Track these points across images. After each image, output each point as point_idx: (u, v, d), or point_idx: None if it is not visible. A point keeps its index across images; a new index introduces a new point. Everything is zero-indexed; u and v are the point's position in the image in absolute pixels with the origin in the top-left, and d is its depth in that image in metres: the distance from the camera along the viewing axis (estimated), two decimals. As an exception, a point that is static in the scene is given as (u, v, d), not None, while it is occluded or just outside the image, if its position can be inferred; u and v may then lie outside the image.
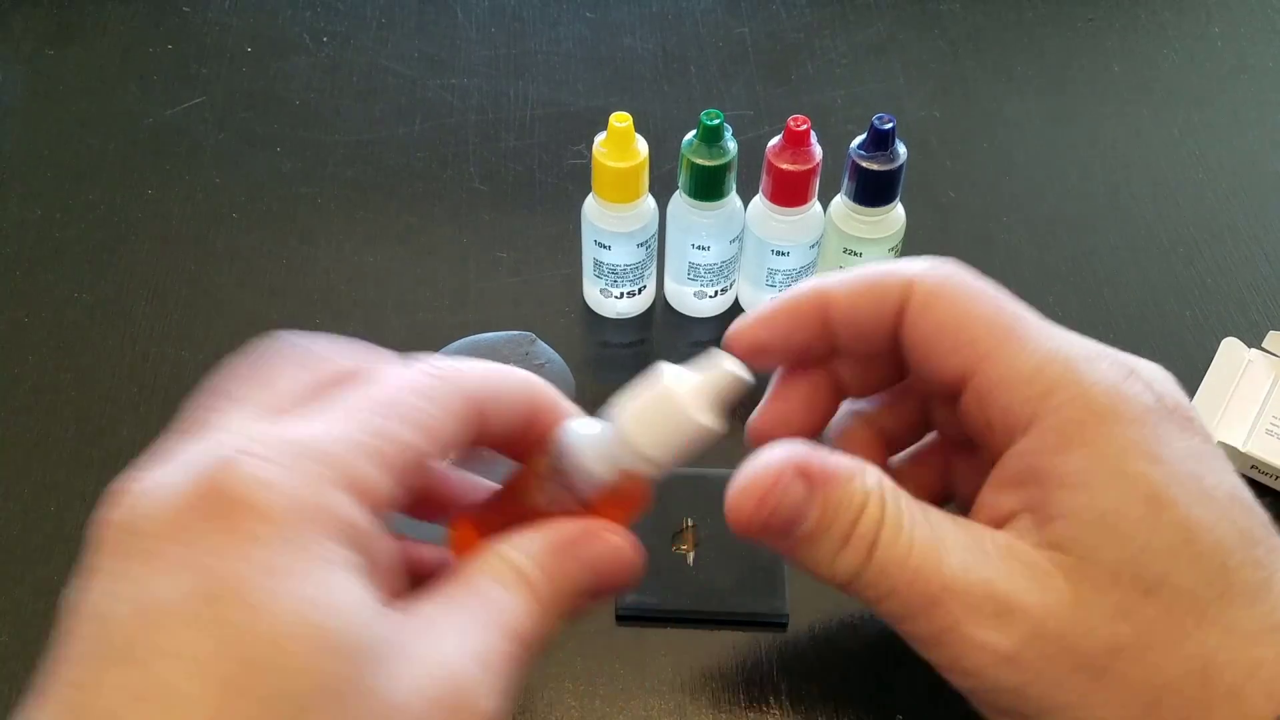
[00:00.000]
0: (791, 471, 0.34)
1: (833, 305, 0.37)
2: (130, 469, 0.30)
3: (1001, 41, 0.76)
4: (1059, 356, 0.34)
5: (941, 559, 0.32)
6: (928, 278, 0.36)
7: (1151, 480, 0.32)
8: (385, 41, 0.75)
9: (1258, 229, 0.65)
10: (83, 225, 0.64)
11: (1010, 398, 0.34)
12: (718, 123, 0.52)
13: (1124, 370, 0.34)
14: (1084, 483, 0.32)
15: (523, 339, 0.55)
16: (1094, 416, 0.33)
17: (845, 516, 0.33)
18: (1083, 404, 0.33)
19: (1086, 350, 0.34)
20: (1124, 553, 0.32)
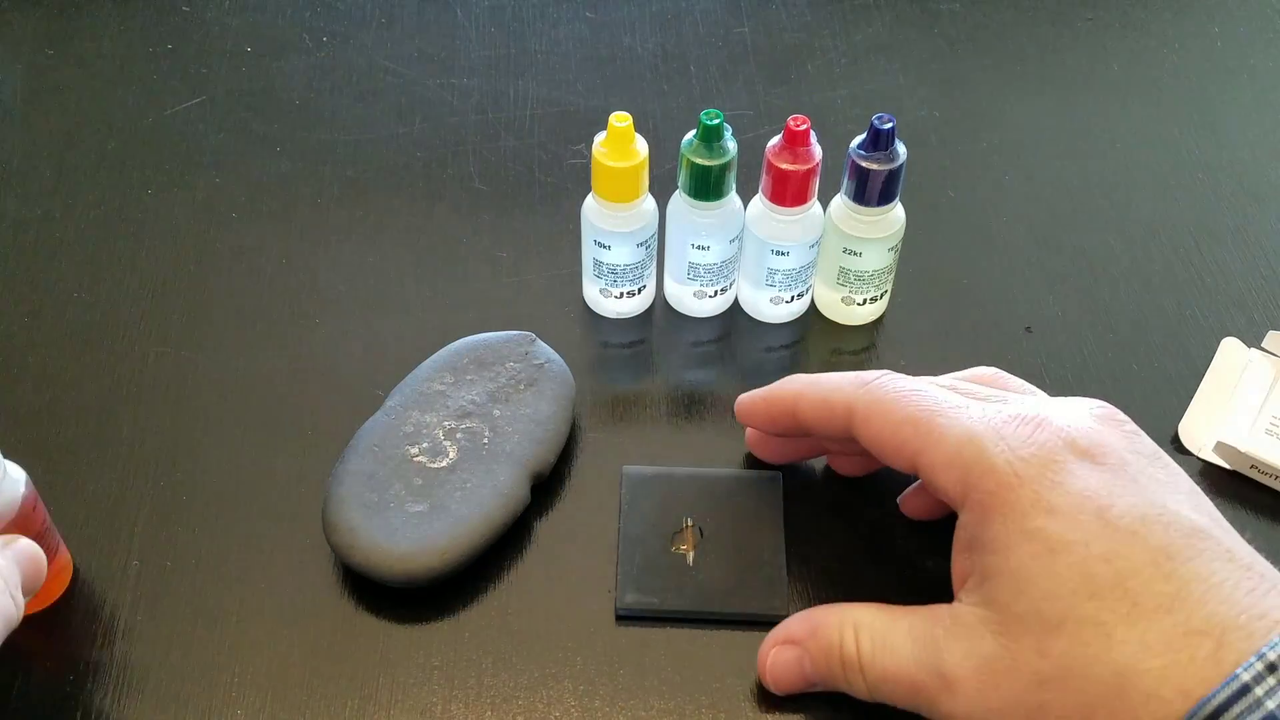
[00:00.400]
0: (776, 644, 0.45)
1: (800, 409, 0.47)
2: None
3: (1001, 41, 0.76)
4: (970, 439, 0.41)
5: (905, 662, 0.41)
6: (860, 401, 0.44)
7: (1048, 533, 0.38)
8: (385, 41, 0.75)
9: (1258, 229, 0.65)
10: (83, 224, 0.64)
11: (943, 483, 0.41)
12: (717, 122, 0.52)
13: (1032, 427, 0.40)
14: (999, 547, 0.39)
15: (522, 339, 0.55)
16: (1001, 486, 0.39)
17: (833, 660, 0.43)
18: (991, 478, 0.40)
19: (996, 423, 0.41)
20: (1031, 601, 0.38)
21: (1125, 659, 0.36)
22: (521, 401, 0.53)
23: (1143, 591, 0.37)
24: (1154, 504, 0.38)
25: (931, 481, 0.42)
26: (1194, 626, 0.36)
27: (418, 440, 0.51)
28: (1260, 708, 0.34)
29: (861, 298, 0.59)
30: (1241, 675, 0.35)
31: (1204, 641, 0.36)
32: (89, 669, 0.48)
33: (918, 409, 0.42)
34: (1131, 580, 0.37)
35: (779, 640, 0.45)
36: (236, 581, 0.50)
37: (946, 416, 0.42)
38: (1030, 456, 0.40)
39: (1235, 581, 0.37)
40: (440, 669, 0.48)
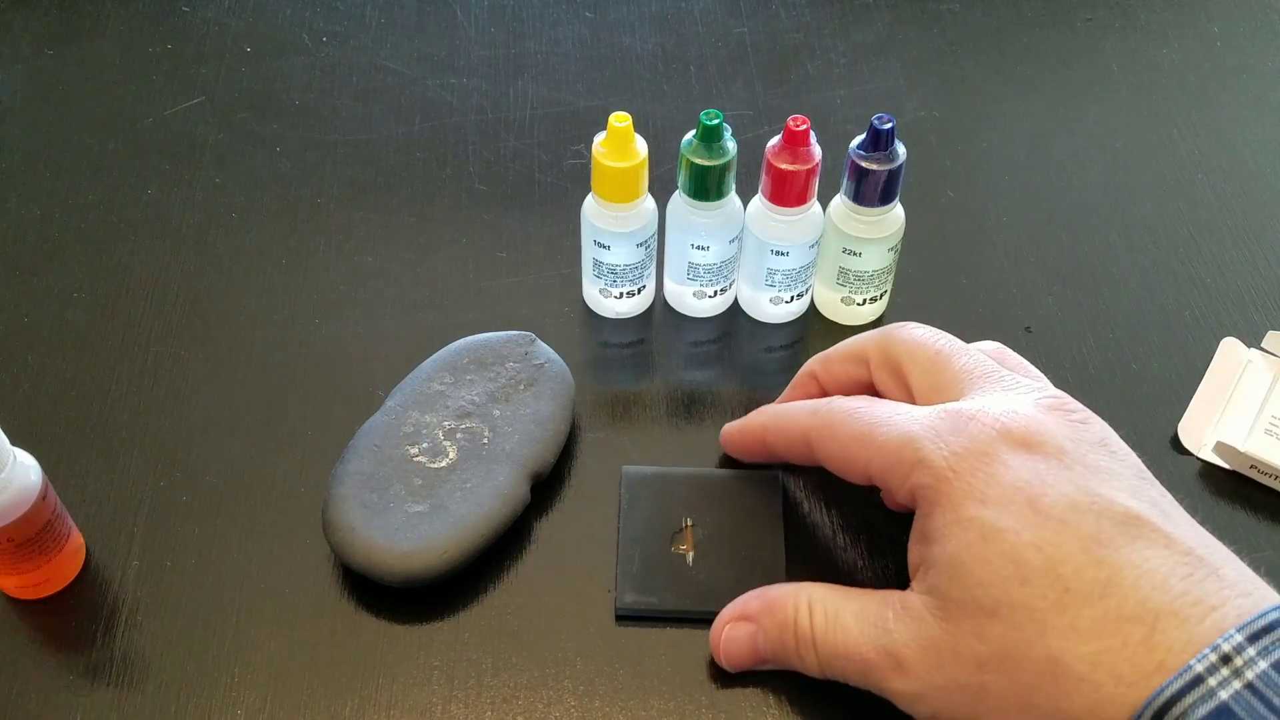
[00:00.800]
0: (730, 619, 0.46)
1: (769, 445, 0.50)
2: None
3: (1001, 41, 0.76)
4: (908, 441, 0.42)
5: (857, 640, 0.42)
6: (813, 429, 0.46)
7: (981, 519, 0.40)
8: (384, 41, 0.75)
9: (1257, 229, 0.65)
10: (82, 225, 0.64)
11: (893, 486, 0.43)
12: (717, 123, 0.52)
13: (966, 419, 0.42)
14: (940, 536, 0.41)
15: (522, 339, 0.55)
16: (937, 480, 0.41)
17: (787, 634, 0.44)
18: (930, 473, 0.41)
19: (932, 421, 0.42)
20: (967, 588, 0.39)
21: (1057, 644, 0.37)
22: (521, 401, 0.53)
23: (1074, 578, 0.38)
24: (1087, 492, 0.39)
25: (885, 487, 0.44)
26: (1126, 613, 0.37)
27: (418, 440, 0.52)
28: (1213, 698, 0.35)
29: (861, 298, 0.59)
30: (1195, 666, 0.35)
31: (1135, 628, 0.37)
32: (89, 669, 0.48)
33: (860, 424, 0.44)
34: (1063, 567, 0.38)
35: (733, 616, 0.46)
36: (236, 581, 0.50)
37: (887, 425, 0.43)
38: (963, 450, 0.41)
39: (1170, 568, 0.38)
40: (440, 669, 0.48)
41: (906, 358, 0.47)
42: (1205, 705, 0.35)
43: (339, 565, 0.50)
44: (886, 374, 0.48)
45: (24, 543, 0.47)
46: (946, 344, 0.47)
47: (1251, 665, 0.35)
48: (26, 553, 0.47)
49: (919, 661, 0.40)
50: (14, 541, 0.46)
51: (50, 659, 0.48)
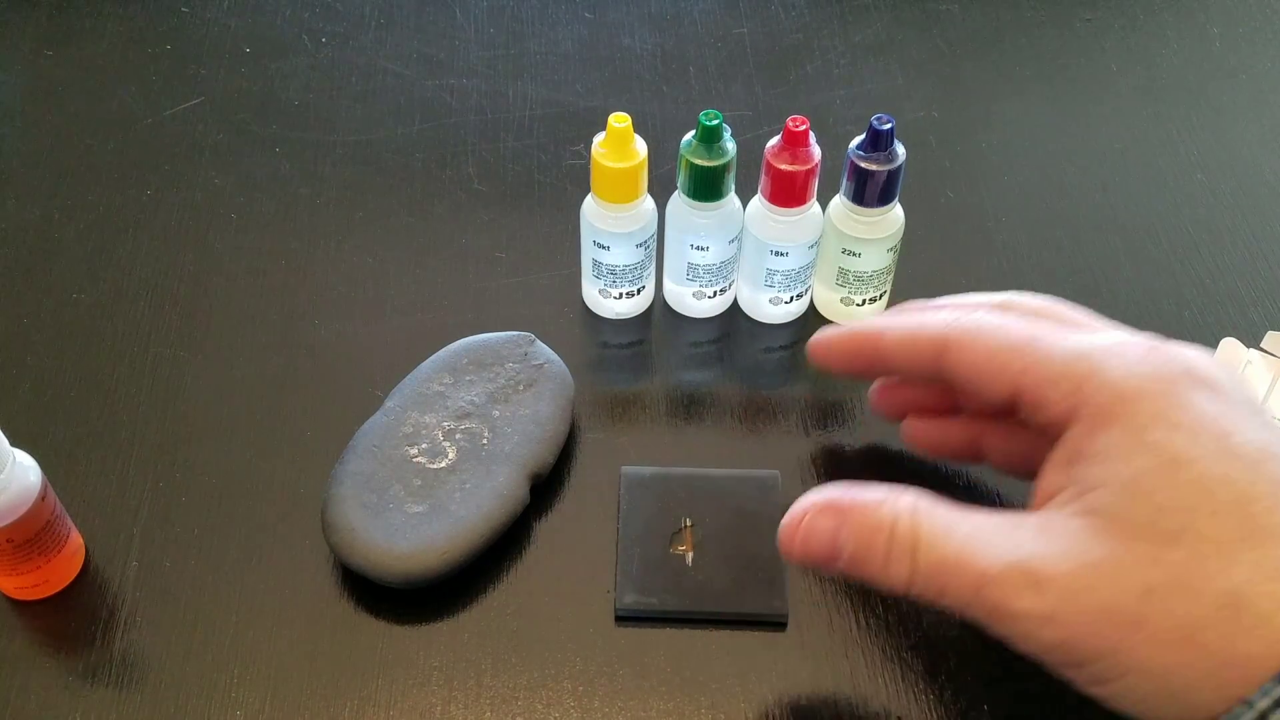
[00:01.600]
0: (816, 509, 0.41)
1: (883, 350, 0.46)
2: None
3: (1000, 42, 0.76)
4: (1082, 355, 0.39)
5: (976, 552, 0.38)
6: (954, 332, 0.43)
7: (1171, 445, 0.37)
8: (384, 42, 0.75)
9: (1257, 229, 0.65)
10: (82, 225, 0.64)
11: (1051, 400, 0.40)
12: (716, 123, 0.52)
13: (1146, 349, 0.39)
14: (1113, 456, 0.38)
15: (522, 339, 0.55)
16: (1118, 399, 0.38)
17: (879, 537, 0.40)
18: (1109, 390, 0.38)
19: (1110, 341, 0.40)
20: (1147, 509, 0.36)
21: (1243, 579, 0.35)
22: (521, 402, 0.53)
23: (1265, 516, 0.36)
24: (1274, 440, 0.38)
25: (1035, 398, 0.40)
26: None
27: (417, 441, 0.52)
28: None
29: (861, 298, 0.59)
30: None
31: None
32: (88, 669, 0.48)
33: (1019, 335, 0.42)
34: (1254, 505, 0.36)
35: (818, 506, 0.42)
36: (236, 581, 0.50)
37: (1050, 339, 0.41)
38: (1150, 374, 0.38)
39: None
40: (440, 669, 0.48)
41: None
42: None
43: (338, 566, 0.50)
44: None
45: (23, 543, 0.47)
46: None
47: None
48: (26, 553, 0.47)
49: (1066, 580, 0.37)
50: (13, 542, 0.46)
51: (50, 660, 0.48)
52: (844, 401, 0.57)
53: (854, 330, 0.48)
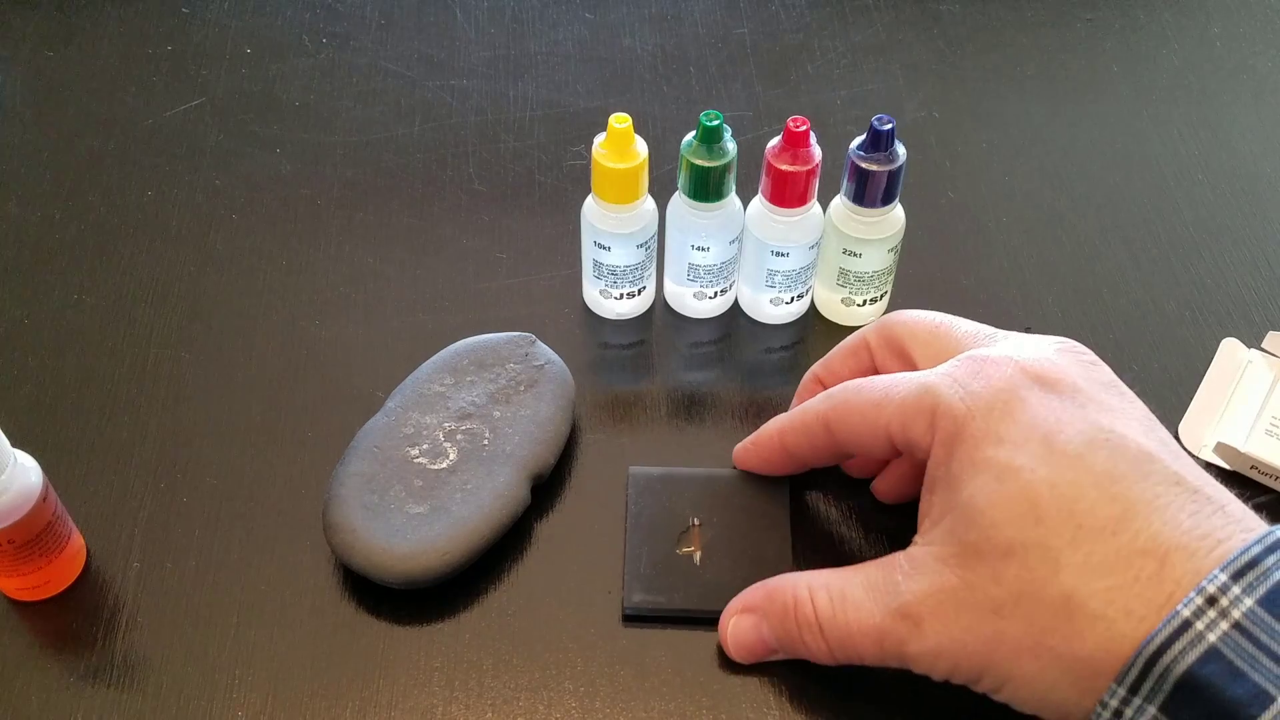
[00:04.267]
0: (734, 613, 0.47)
1: (787, 445, 0.49)
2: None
3: (1001, 42, 0.76)
4: (927, 390, 0.42)
5: (866, 611, 0.42)
6: (831, 412, 0.46)
7: (997, 460, 0.39)
8: (384, 43, 0.75)
9: (1257, 229, 0.65)
10: (83, 226, 0.64)
11: (916, 438, 0.42)
12: (717, 123, 0.52)
13: (978, 364, 0.42)
14: (953, 481, 0.40)
15: (522, 340, 0.55)
16: (956, 423, 0.41)
17: (789, 624, 0.44)
18: (948, 419, 0.41)
19: (949, 369, 0.42)
20: (982, 530, 0.39)
21: (1072, 582, 0.37)
22: (521, 403, 0.53)
23: (1088, 514, 0.38)
24: (1101, 428, 0.39)
25: (909, 443, 0.43)
26: (1138, 547, 0.37)
27: (418, 442, 0.52)
28: (1201, 642, 0.35)
29: (861, 299, 0.59)
30: (1182, 611, 0.35)
31: (1147, 562, 0.37)
32: (90, 670, 0.48)
33: (875, 390, 0.44)
34: (1077, 504, 0.38)
35: (737, 610, 0.47)
36: (236, 582, 0.50)
37: (903, 383, 0.43)
38: (982, 390, 0.41)
39: (1180, 504, 0.38)
40: (441, 670, 0.48)
41: (907, 336, 0.47)
42: (1194, 650, 0.35)
43: (339, 566, 0.50)
44: (889, 356, 0.48)
45: (25, 544, 0.47)
46: (945, 317, 0.47)
47: (1238, 604, 0.35)
48: (27, 554, 0.47)
49: (935, 615, 0.40)
50: (15, 543, 0.46)
51: (51, 660, 0.48)
52: (845, 402, 0.57)
53: (760, 438, 0.51)
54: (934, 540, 0.41)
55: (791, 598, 0.44)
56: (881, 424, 0.43)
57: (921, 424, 0.42)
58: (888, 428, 0.43)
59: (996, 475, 0.39)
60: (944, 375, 0.42)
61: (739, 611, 0.47)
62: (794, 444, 0.49)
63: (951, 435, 0.41)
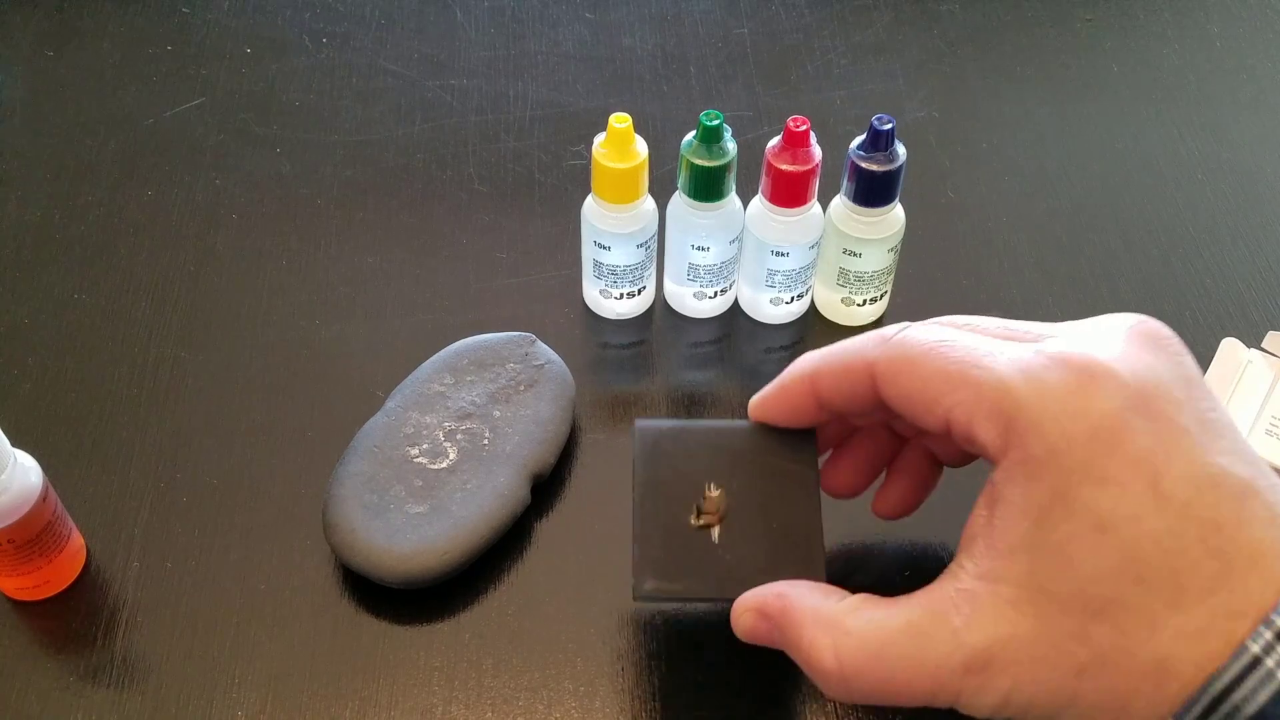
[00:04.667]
0: (750, 611, 0.41)
1: (820, 388, 0.43)
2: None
3: (1000, 41, 0.76)
4: (1009, 392, 0.36)
5: (914, 665, 0.36)
6: (883, 359, 0.40)
7: (1098, 506, 0.35)
8: (384, 43, 0.75)
9: (1257, 229, 0.65)
10: (82, 226, 0.64)
11: (981, 438, 0.37)
12: (717, 123, 0.52)
13: (1075, 377, 0.36)
14: (1041, 518, 0.35)
15: (522, 340, 0.55)
16: (1046, 449, 0.35)
17: (811, 665, 0.38)
18: (1037, 439, 0.36)
19: (1037, 370, 0.36)
20: (1073, 583, 0.35)
21: (1168, 647, 0.34)
22: (521, 402, 0.53)
23: (1190, 573, 0.34)
24: (1205, 465, 0.35)
25: (968, 436, 0.38)
26: (1234, 608, 0.34)
27: (418, 441, 0.52)
28: (1273, 679, 0.33)
29: (861, 298, 0.59)
30: (1251, 647, 0.33)
31: (1241, 624, 0.34)
32: (89, 670, 0.48)
33: (948, 360, 0.38)
34: (1180, 561, 0.34)
35: (751, 607, 0.41)
36: (236, 582, 0.50)
37: (980, 367, 0.37)
38: (1082, 411, 0.35)
39: (1277, 551, 0.34)
40: (440, 670, 0.48)
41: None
42: (1266, 689, 0.33)
43: (339, 566, 0.50)
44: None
45: (24, 544, 0.47)
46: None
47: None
48: (27, 554, 0.47)
49: (1004, 670, 0.35)
50: (14, 543, 0.46)
51: (50, 660, 0.48)
52: (844, 402, 0.57)
53: (787, 382, 0.44)
54: (1001, 577, 0.36)
55: (809, 642, 0.38)
56: (942, 405, 0.38)
57: (994, 429, 0.36)
58: (950, 413, 0.38)
59: (1097, 523, 0.35)
60: (1032, 379, 0.36)
61: (754, 610, 0.41)
62: (829, 389, 0.42)
63: (1039, 460, 0.35)
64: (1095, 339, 0.38)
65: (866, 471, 0.48)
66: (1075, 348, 0.37)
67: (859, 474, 0.48)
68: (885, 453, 0.48)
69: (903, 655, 0.36)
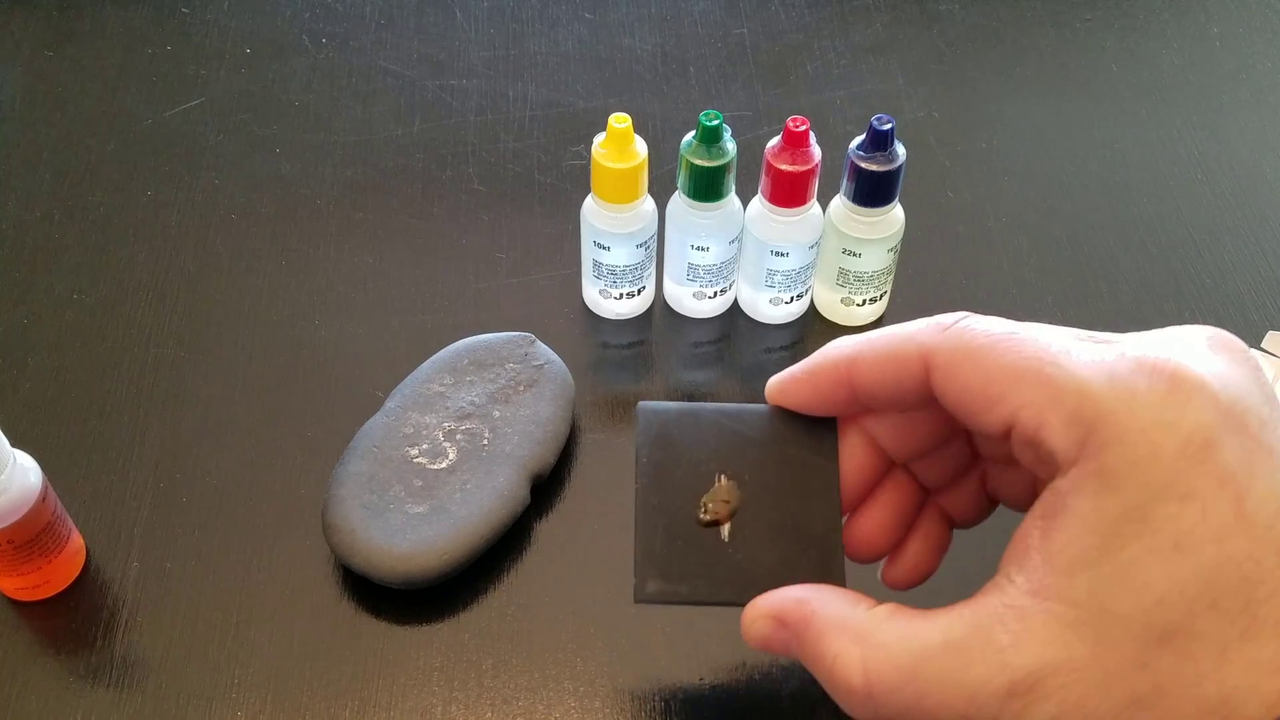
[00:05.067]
0: (766, 619, 0.38)
1: (858, 374, 0.38)
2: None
3: (1000, 41, 0.76)
4: (1088, 397, 0.33)
5: (952, 685, 0.33)
6: (941, 349, 0.36)
7: (1180, 523, 0.32)
8: (384, 43, 0.75)
9: (1257, 229, 0.65)
10: (82, 226, 0.64)
11: (1054, 444, 0.34)
12: (717, 123, 0.52)
13: (1163, 383, 0.33)
14: (1110, 532, 0.32)
15: (522, 340, 0.55)
16: (1130, 462, 0.32)
17: (834, 681, 0.35)
18: (1119, 449, 0.32)
19: (1122, 374, 0.34)
20: (1142, 605, 0.32)
21: (1235, 679, 0.32)
22: (521, 403, 0.53)
23: (1265, 603, 0.32)
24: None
25: (1034, 440, 0.34)
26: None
27: (417, 441, 0.52)
28: None
29: (861, 298, 0.59)
30: None
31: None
32: (89, 670, 0.48)
33: (1020, 355, 0.35)
34: (1258, 590, 0.32)
35: (764, 613, 0.38)
36: (236, 582, 0.50)
37: (1058, 365, 0.34)
38: (1174, 422, 0.32)
39: None
40: (440, 670, 0.48)
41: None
42: None
43: (339, 566, 0.50)
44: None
45: (24, 544, 0.47)
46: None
47: None
48: (26, 554, 0.47)
49: (1052, 695, 0.32)
50: (14, 543, 0.46)
51: (50, 660, 0.48)
52: (844, 402, 0.57)
53: (818, 365, 0.40)
54: (1058, 595, 0.33)
55: (833, 657, 0.35)
56: (1009, 405, 0.34)
57: (1070, 435, 0.33)
58: (1017, 414, 0.34)
59: (1176, 541, 0.32)
60: (1118, 384, 0.33)
61: (770, 617, 0.38)
62: (870, 376, 0.38)
63: (1118, 472, 0.32)
64: (1177, 346, 0.35)
65: (894, 528, 0.43)
66: (1162, 353, 0.34)
67: (886, 531, 0.43)
68: (913, 508, 0.43)
69: (940, 674, 0.33)
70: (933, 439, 0.41)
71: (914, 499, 0.43)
